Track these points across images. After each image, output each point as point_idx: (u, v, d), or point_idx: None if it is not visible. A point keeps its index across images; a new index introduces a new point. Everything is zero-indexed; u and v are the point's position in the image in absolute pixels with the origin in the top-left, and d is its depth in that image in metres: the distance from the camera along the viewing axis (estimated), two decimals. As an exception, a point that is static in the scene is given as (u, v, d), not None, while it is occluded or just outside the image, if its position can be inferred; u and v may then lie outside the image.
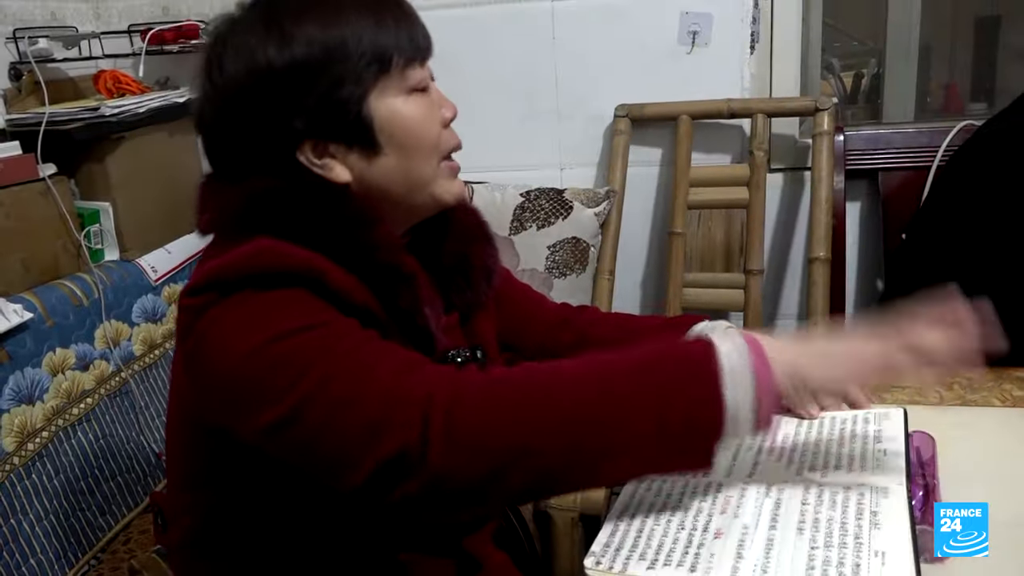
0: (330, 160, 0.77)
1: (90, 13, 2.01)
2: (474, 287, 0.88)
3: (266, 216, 0.74)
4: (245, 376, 0.67)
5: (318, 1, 0.76)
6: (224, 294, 0.69)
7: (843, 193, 1.75)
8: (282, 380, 0.65)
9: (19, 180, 1.50)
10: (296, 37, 0.74)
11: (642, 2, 1.79)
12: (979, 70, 2.21)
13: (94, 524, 1.48)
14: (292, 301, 0.69)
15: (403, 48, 0.77)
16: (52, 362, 1.45)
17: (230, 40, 0.76)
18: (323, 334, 0.67)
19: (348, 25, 0.74)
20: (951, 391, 0.99)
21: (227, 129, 0.78)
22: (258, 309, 0.68)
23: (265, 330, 0.66)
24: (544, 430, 0.63)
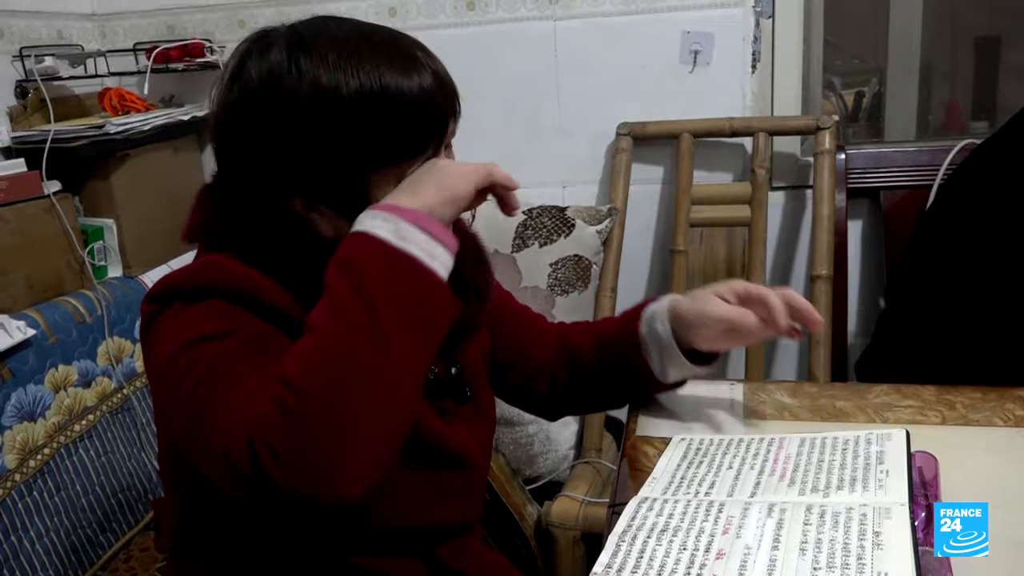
0: (317, 216, 0.77)
1: (96, 32, 2.03)
2: (466, 310, 0.87)
3: (227, 229, 0.77)
4: (164, 384, 0.73)
5: (351, 52, 0.73)
6: (164, 305, 0.74)
7: (845, 211, 1.75)
8: (182, 391, 0.69)
9: (24, 197, 1.51)
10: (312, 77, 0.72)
11: (644, 21, 1.81)
12: (980, 89, 2.22)
13: (95, 541, 1.47)
14: (209, 311, 0.72)
15: (424, 146, 0.76)
16: (54, 379, 1.45)
17: (261, 58, 0.75)
18: (221, 346, 0.70)
19: (374, 83, 0.72)
20: (953, 411, 0.99)
21: (232, 156, 0.79)
22: (181, 320, 0.73)
23: (177, 338, 0.71)
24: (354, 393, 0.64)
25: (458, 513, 0.92)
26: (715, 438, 0.92)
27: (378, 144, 0.73)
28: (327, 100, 0.72)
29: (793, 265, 1.90)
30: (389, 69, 0.73)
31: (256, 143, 0.75)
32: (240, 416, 0.64)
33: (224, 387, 0.67)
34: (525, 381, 1.03)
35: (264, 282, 0.74)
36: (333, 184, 0.75)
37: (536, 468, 1.70)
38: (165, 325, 0.74)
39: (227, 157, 0.80)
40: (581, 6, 1.82)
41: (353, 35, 0.75)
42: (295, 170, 0.74)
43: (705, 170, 1.85)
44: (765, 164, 1.74)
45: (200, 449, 0.67)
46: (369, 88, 0.72)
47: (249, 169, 0.77)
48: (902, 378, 1.10)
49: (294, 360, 0.66)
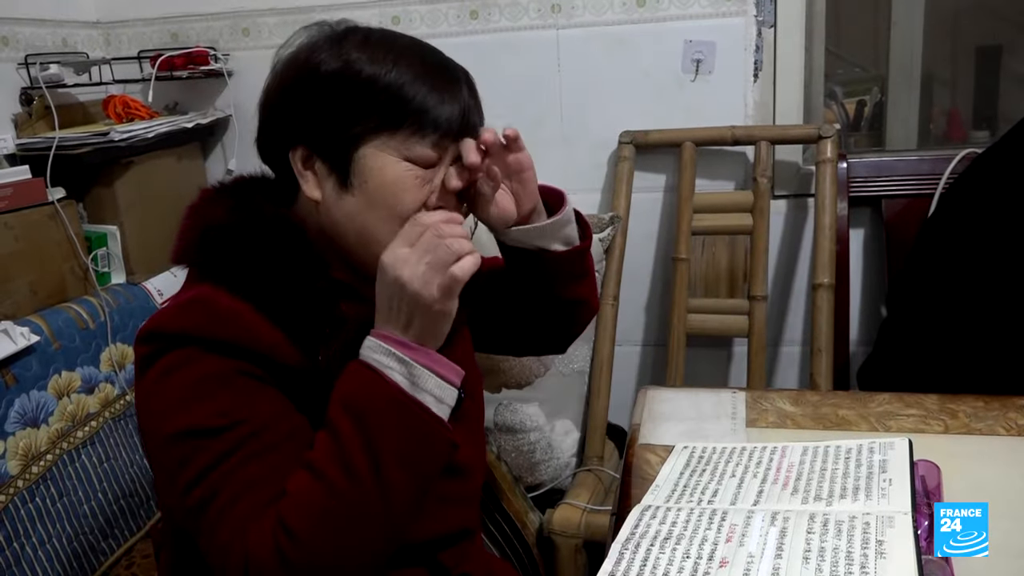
0: (311, 175, 0.81)
1: (101, 39, 2.03)
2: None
3: (210, 255, 0.80)
4: (163, 460, 0.76)
5: (387, 41, 0.81)
6: (157, 352, 0.76)
7: (846, 220, 1.75)
8: (181, 480, 0.73)
9: (28, 204, 1.51)
10: (346, 57, 0.79)
11: (646, 30, 1.81)
12: (981, 98, 2.23)
13: (96, 548, 1.47)
14: (217, 382, 0.74)
15: (421, 119, 0.79)
16: (58, 385, 1.45)
17: (308, 39, 0.83)
18: (224, 443, 0.73)
19: (387, 70, 0.78)
20: (956, 420, 0.99)
21: (264, 112, 0.84)
22: (186, 384, 0.75)
23: (180, 418, 0.74)
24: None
25: (459, 520, 0.93)
26: (718, 446, 0.92)
27: (378, 119, 0.79)
28: (345, 72, 0.79)
29: (795, 273, 1.90)
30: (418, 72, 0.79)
31: (285, 95, 0.82)
32: (238, 544, 0.69)
33: (224, 496, 0.71)
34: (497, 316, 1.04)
35: (253, 322, 0.76)
36: (331, 132, 0.79)
37: (538, 475, 1.69)
38: (158, 383, 0.76)
39: (262, 114, 0.85)
40: (583, 15, 1.83)
41: (403, 38, 0.83)
42: (307, 119, 0.80)
43: (707, 178, 1.85)
44: (767, 173, 1.75)
45: (199, 540, 0.73)
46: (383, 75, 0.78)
47: (273, 119, 0.83)
48: (904, 386, 1.10)
49: (295, 506, 0.70)
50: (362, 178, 0.79)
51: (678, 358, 1.77)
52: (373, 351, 0.74)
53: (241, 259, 0.78)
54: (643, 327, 1.99)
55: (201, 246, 0.81)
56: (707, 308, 1.80)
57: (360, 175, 0.79)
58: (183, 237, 0.83)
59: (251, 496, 0.71)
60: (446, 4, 1.87)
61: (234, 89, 1.97)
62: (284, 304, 0.77)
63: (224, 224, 0.81)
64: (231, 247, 0.79)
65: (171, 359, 0.75)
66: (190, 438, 0.73)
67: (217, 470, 0.72)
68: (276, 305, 0.77)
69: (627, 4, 1.81)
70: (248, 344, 0.75)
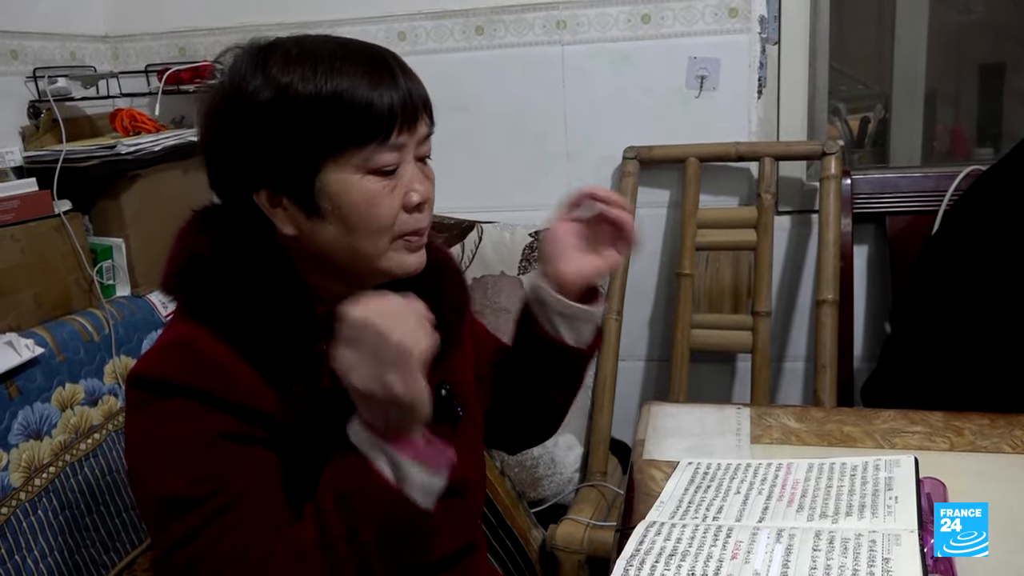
0: (281, 211, 0.79)
1: (108, 53, 2.05)
2: (445, 326, 0.87)
3: (194, 290, 0.79)
4: (150, 514, 0.77)
5: (310, 51, 0.77)
6: (151, 396, 0.76)
7: (850, 236, 1.75)
8: (164, 540, 0.75)
9: (35, 216, 1.52)
10: (277, 82, 0.75)
11: (651, 46, 1.82)
12: (985, 116, 2.23)
13: (98, 561, 1.47)
14: (202, 445, 0.75)
15: (369, 129, 0.75)
16: (61, 397, 1.45)
17: (230, 68, 0.79)
18: (204, 513, 0.73)
19: (324, 85, 0.74)
20: (962, 437, 0.98)
21: (209, 153, 0.82)
22: (172, 443, 0.75)
23: (161, 483, 0.75)
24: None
25: (461, 537, 0.92)
26: (722, 463, 0.92)
27: (328, 138, 0.76)
28: (283, 99, 0.75)
29: (799, 289, 1.90)
30: (351, 74, 0.76)
31: (228, 137, 0.78)
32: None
33: (206, 567, 0.72)
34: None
35: (234, 370, 0.76)
36: (287, 165, 0.76)
37: (540, 491, 1.69)
38: (145, 435, 0.77)
39: (209, 159, 0.82)
40: (588, 31, 1.84)
41: (323, 43, 0.79)
42: (259, 160, 0.77)
43: (711, 194, 1.86)
44: (771, 189, 1.75)
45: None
46: (320, 90, 0.75)
47: (223, 165, 0.81)
48: (908, 403, 1.09)
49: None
50: (332, 204, 0.77)
51: (682, 373, 1.77)
52: (362, 439, 0.74)
53: (223, 297, 0.77)
54: (647, 342, 1.99)
55: (185, 279, 0.80)
56: (711, 323, 1.80)
57: (329, 202, 0.77)
58: (170, 265, 0.82)
59: (231, 569, 0.72)
60: (452, 20, 1.88)
61: (240, 103, 1.97)
62: (263, 347, 0.77)
63: (206, 256, 0.79)
64: (213, 283, 0.78)
65: (157, 410, 0.75)
66: (172, 506, 0.74)
67: (200, 537, 0.72)
68: (255, 348, 0.76)
69: (632, 20, 1.82)
70: (228, 396, 0.75)
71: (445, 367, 0.89)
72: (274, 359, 0.77)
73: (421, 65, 0.83)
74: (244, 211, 0.80)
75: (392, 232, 0.79)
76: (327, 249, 0.79)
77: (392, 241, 0.80)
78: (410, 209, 0.79)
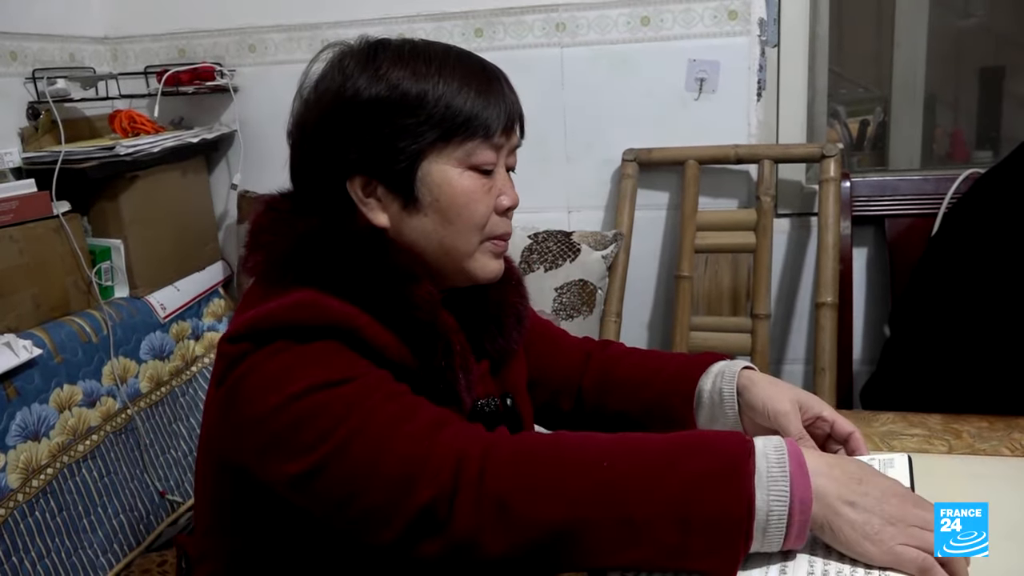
0: (374, 201, 0.79)
1: (108, 55, 2.05)
2: (506, 334, 0.88)
3: (311, 263, 0.76)
4: (277, 425, 0.68)
5: (422, 53, 0.79)
6: (260, 344, 0.71)
7: (850, 239, 1.75)
8: (310, 433, 0.67)
9: (33, 217, 1.52)
10: (386, 78, 0.77)
11: (650, 49, 1.82)
12: (984, 119, 2.23)
13: (95, 563, 1.46)
14: (326, 353, 0.70)
15: (474, 124, 0.78)
16: (59, 398, 1.45)
17: (335, 63, 0.80)
18: (354, 388, 0.68)
19: (434, 84, 0.77)
20: (960, 440, 0.98)
21: (303, 145, 0.81)
22: (293, 360, 0.70)
23: (298, 381, 0.68)
24: (572, 504, 0.62)
25: None
26: None
27: (436, 128, 0.77)
28: (393, 92, 0.76)
29: (798, 292, 1.90)
30: (463, 73, 0.78)
31: (330, 127, 0.79)
32: (440, 447, 0.64)
33: (376, 424, 0.66)
34: (550, 398, 1.01)
35: (364, 320, 0.73)
36: (388, 153, 0.77)
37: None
38: (264, 365, 0.70)
39: (301, 146, 0.82)
40: (588, 34, 1.84)
41: (433, 45, 0.81)
42: (361, 148, 0.77)
43: (710, 196, 1.86)
44: (770, 191, 1.75)
45: (340, 486, 0.66)
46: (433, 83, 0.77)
47: (317, 146, 0.80)
48: (907, 406, 1.09)
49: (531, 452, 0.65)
50: (432, 196, 0.78)
51: (681, 376, 1.76)
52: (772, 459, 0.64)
53: (346, 266, 0.76)
54: (646, 344, 1.99)
55: (299, 254, 0.76)
56: (710, 326, 1.80)
57: (429, 193, 0.78)
58: (269, 247, 0.78)
59: (409, 425, 0.66)
60: (451, 22, 1.88)
61: (240, 105, 1.98)
62: (392, 307, 0.75)
63: (321, 234, 0.78)
64: (334, 255, 0.76)
65: (270, 348, 0.70)
66: (309, 394, 0.67)
67: (354, 412, 0.66)
68: (384, 308, 0.74)
69: (631, 23, 1.82)
70: (358, 334, 0.72)
71: (507, 376, 0.89)
72: (404, 321, 0.74)
73: (420, 67, 0.83)
74: (329, 201, 0.80)
75: (483, 232, 0.81)
76: (418, 243, 0.80)
77: (482, 242, 0.81)
78: (500, 212, 0.82)
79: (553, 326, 1.06)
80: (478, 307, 0.87)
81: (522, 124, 0.85)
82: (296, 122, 0.82)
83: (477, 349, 0.85)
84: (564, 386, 0.99)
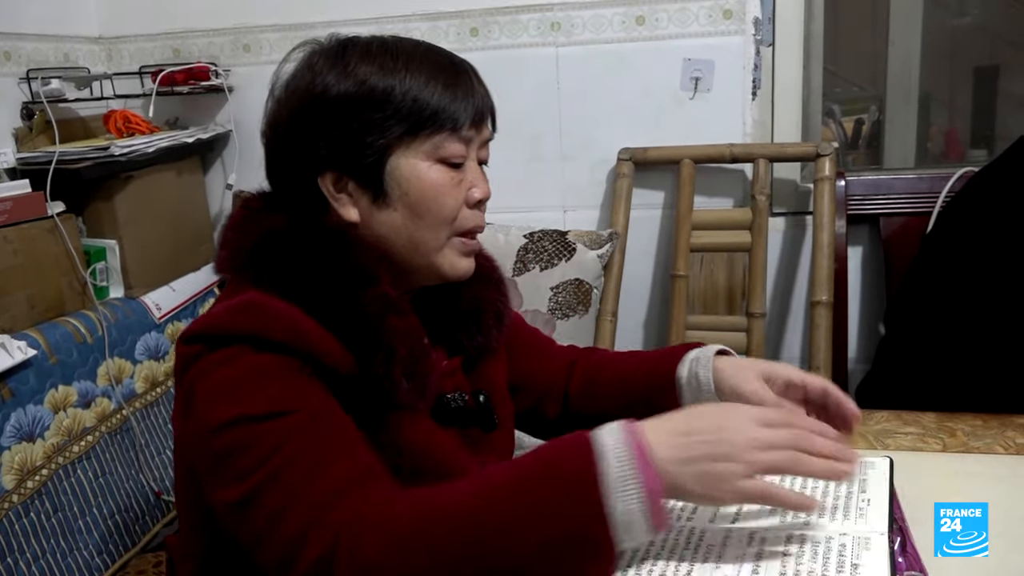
0: (345, 196, 0.80)
1: (102, 55, 2.04)
2: (484, 332, 0.88)
3: (268, 262, 0.76)
4: (212, 452, 0.71)
5: (390, 49, 0.79)
6: (211, 348, 0.72)
7: (844, 237, 1.76)
8: (238, 466, 0.69)
9: (28, 218, 1.52)
10: (354, 74, 0.77)
11: (645, 48, 1.82)
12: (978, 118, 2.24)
13: (91, 564, 1.46)
14: (270, 373, 0.71)
15: (442, 118, 0.78)
16: (54, 399, 1.45)
17: (305, 62, 0.80)
18: (285, 425, 0.69)
19: (400, 78, 0.77)
20: (954, 438, 0.98)
21: (275, 144, 0.82)
22: (237, 374, 0.71)
23: (235, 405, 0.70)
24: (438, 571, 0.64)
25: None
26: None
27: (404, 121, 0.78)
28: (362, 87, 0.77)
29: (793, 291, 1.90)
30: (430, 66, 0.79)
31: (301, 124, 0.79)
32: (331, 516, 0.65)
33: (291, 477, 0.67)
34: (535, 404, 1.01)
35: (307, 325, 0.73)
36: (357, 148, 0.78)
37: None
38: (211, 373, 0.72)
39: (274, 145, 0.82)
40: (583, 33, 1.84)
41: (402, 41, 0.81)
42: (331, 144, 0.78)
43: (706, 196, 1.86)
44: (765, 190, 1.75)
45: (251, 533, 0.68)
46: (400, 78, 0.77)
47: (288, 142, 0.80)
48: (902, 404, 1.10)
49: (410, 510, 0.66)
50: (401, 189, 0.79)
51: (676, 375, 1.76)
52: (611, 440, 0.66)
53: (301, 266, 0.76)
54: (641, 343, 1.99)
55: (258, 252, 0.78)
56: (705, 325, 1.80)
57: (398, 186, 0.79)
58: (235, 244, 0.80)
59: (321, 481, 0.67)
60: (446, 21, 1.88)
61: (234, 105, 1.97)
62: (337, 312, 0.75)
63: (284, 231, 0.79)
64: (292, 254, 0.77)
65: (220, 355, 0.72)
66: (244, 423, 0.69)
67: (279, 453, 0.67)
68: (330, 313, 0.75)
69: (626, 22, 1.82)
70: (301, 346, 0.72)
71: (483, 373, 0.89)
72: (348, 325, 0.75)
73: (415, 66, 0.84)
74: (302, 198, 0.81)
75: (453, 227, 0.81)
76: (388, 237, 0.80)
77: (451, 237, 0.81)
78: (472, 205, 0.82)
79: (540, 333, 1.07)
80: (452, 304, 0.88)
81: (493, 117, 0.85)
82: (268, 122, 0.83)
83: (453, 346, 0.86)
84: (549, 392, 1.00)
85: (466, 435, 0.85)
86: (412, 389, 0.77)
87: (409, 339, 0.78)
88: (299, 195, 0.81)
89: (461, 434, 0.85)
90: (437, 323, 0.86)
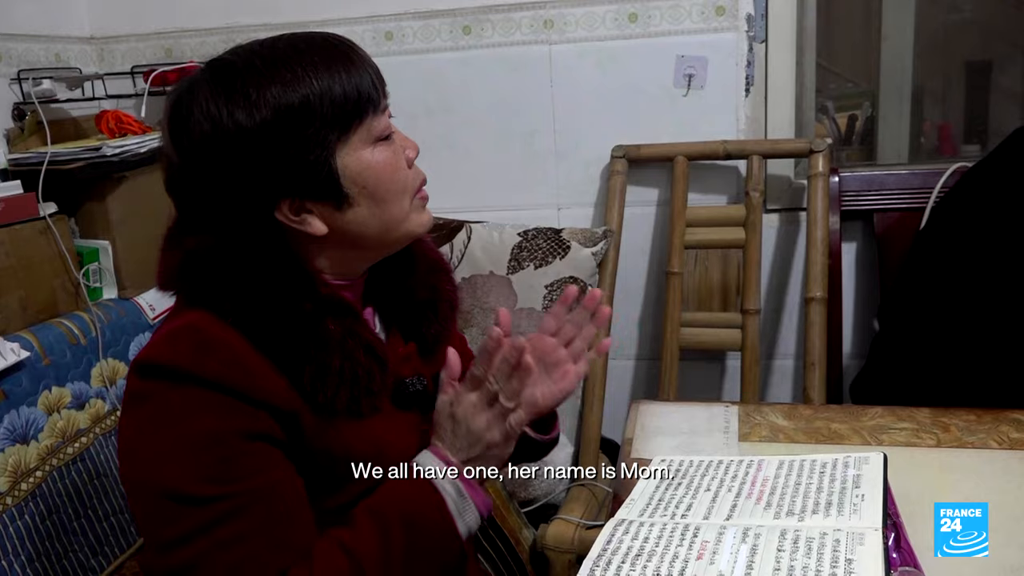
0: (307, 215, 0.79)
1: (94, 55, 2.04)
2: (441, 320, 0.92)
3: (197, 280, 0.78)
4: (142, 509, 0.75)
5: (272, 65, 0.76)
6: (155, 387, 0.74)
7: (838, 233, 1.76)
8: (164, 536, 0.72)
9: (20, 219, 1.51)
10: (261, 101, 0.74)
11: (638, 45, 1.82)
12: (971, 113, 2.24)
13: (86, 566, 1.46)
14: (207, 444, 0.73)
15: (362, 103, 0.78)
16: (48, 401, 1.44)
17: (194, 106, 0.77)
18: (218, 512, 0.72)
19: (308, 85, 0.75)
20: (948, 433, 0.99)
21: (201, 192, 0.79)
22: (176, 438, 0.73)
23: (173, 475, 0.72)
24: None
25: None
26: (695, 459, 0.92)
27: (333, 125, 0.77)
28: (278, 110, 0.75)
29: (787, 287, 1.90)
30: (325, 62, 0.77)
31: (223, 152, 0.76)
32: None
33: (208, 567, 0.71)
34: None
35: (242, 352, 0.74)
36: (305, 169, 0.77)
37: (531, 491, 1.69)
38: (148, 425, 0.74)
39: (195, 193, 0.81)
40: (576, 31, 1.84)
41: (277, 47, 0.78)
42: (267, 166, 0.76)
43: (700, 192, 1.86)
44: (759, 187, 1.75)
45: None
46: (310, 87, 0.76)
47: (222, 188, 0.78)
48: (896, 400, 1.10)
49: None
50: (358, 185, 0.79)
51: (671, 372, 1.77)
52: (433, 467, 0.80)
53: (224, 282, 0.77)
54: (636, 341, 1.99)
55: (183, 271, 0.79)
56: (700, 322, 1.80)
57: (354, 184, 0.79)
58: (167, 260, 0.82)
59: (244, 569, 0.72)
60: (439, 20, 1.88)
61: (227, 104, 1.96)
62: (270, 327, 0.76)
63: (207, 246, 0.79)
64: (214, 270, 0.77)
65: (169, 400, 0.73)
66: (176, 501, 0.71)
67: (203, 539, 0.71)
68: (262, 329, 0.76)
69: (619, 20, 1.82)
70: (239, 382, 0.74)
71: (440, 359, 0.89)
72: (282, 339, 0.76)
73: (409, 65, 0.85)
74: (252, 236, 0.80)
75: (409, 190, 0.83)
76: (359, 231, 0.81)
77: (411, 200, 0.84)
78: (410, 164, 0.84)
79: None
80: (419, 294, 0.91)
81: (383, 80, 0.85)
82: (180, 177, 0.81)
83: (408, 331, 0.91)
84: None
85: (427, 419, 0.86)
86: (351, 399, 0.79)
87: (345, 345, 0.78)
88: (247, 234, 0.79)
89: (421, 419, 0.86)
90: (393, 311, 0.90)
